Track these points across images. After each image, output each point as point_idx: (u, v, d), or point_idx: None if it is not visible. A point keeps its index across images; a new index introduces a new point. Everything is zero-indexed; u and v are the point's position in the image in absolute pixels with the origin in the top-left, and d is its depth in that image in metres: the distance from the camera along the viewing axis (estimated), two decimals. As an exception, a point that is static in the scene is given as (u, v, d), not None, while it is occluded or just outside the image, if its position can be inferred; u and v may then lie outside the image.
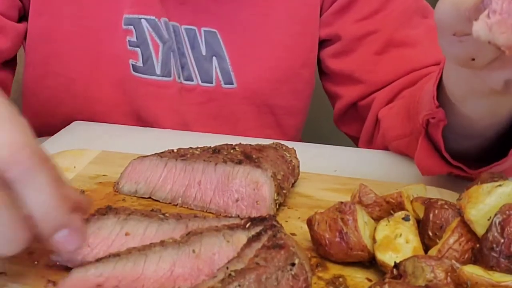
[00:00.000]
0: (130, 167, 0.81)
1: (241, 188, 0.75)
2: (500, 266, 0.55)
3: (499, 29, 0.52)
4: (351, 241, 0.63)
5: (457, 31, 0.57)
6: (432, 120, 0.77)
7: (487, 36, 0.52)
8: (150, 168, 0.80)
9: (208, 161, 0.77)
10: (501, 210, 0.56)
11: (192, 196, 0.77)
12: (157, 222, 0.64)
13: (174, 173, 0.78)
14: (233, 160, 0.76)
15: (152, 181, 0.79)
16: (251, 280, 0.52)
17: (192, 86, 1.12)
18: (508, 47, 0.53)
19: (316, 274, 0.63)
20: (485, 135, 0.79)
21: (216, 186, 0.76)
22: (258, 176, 0.74)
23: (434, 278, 0.53)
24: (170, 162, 0.79)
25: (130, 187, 0.80)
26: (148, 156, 0.81)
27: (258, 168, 0.74)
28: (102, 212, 0.66)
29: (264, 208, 0.73)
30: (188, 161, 0.78)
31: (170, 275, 0.57)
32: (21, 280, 0.61)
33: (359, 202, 0.69)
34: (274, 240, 0.58)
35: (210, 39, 1.10)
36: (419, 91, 0.89)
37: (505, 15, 0.52)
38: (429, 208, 0.64)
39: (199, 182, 0.77)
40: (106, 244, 0.62)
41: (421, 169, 0.84)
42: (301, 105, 1.22)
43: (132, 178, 0.80)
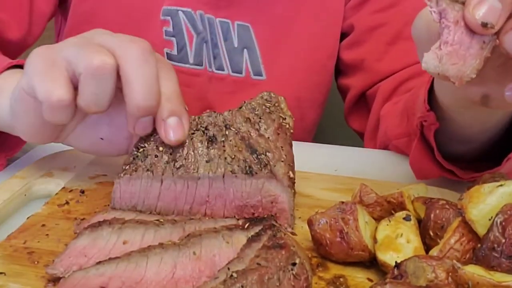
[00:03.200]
0: (119, 190, 0.72)
1: (257, 203, 0.70)
2: (501, 266, 0.55)
3: (450, 60, 0.51)
4: (352, 241, 0.63)
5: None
6: (424, 123, 0.78)
7: (436, 67, 0.52)
8: (144, 189, 0.71)
9: (213, 173, 0.69)
10: (503, 210, 0.56)
11: (201, 213, 0.71)
12: (154, 228, 0.64)
13: (174, 191, 0.71)
14: (240, 165, 0.69)
15: (152, 203, 0.72)
16: (254, 281, 0.52)
17: (223, 75, 1.15)
18: (458, 79, 0.52)
19: (317, 274, 0.63)
20: (477, 140, 0.79)
21: (227, 200, 0.70)
22: (274, 188, 0.69)
23: (435, 278, 0.53)
24: (167, 179, 0.70)
25: (128, 207, 0.73)
26: (136, 172, 0.71)
27: (273, 179, 0.69)
28: (95, 225, 0.65)
29: (284, 219, 0.70)
30: (186, 175, 0.69)
31: (172, 277, 0.57)
32: (21, 280, 0.61)
33: (360, 202, 0.69)
34: (274, 240, 0.58)
35: (243, 32, 1.14)
36: (417, 91, 0.89)
37: (457, 46, 0.51)
38: (430, 208, 0.64)
39: (207, 199, 0.70)
40: (104, 253, 0.62)
41: (415, 172, 0.85)
42: (323, 98, 1.25)
43: (126, 202, 0.72)
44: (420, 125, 0.79)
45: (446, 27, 0.52)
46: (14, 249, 0.66)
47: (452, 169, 0.79)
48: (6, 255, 0.65)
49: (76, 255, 0.61)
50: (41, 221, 0.72)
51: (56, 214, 0.74)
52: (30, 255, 0.65)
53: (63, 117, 0.67)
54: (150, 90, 0.66)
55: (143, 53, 0.66)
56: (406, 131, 0.92)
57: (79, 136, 0.76)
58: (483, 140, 0.79)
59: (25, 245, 0.67)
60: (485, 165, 0.77)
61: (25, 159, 0.91)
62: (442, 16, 0.52)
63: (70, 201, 0.77)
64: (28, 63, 0.67)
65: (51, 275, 0.60)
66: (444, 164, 0.79)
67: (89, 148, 0.78)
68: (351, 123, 1.23)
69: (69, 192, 0.79)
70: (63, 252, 0.62)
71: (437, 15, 0.52)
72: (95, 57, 0.64)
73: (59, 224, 0.71)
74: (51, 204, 0.76)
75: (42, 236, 0.69)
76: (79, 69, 0.64)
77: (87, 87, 0.65)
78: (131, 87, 0.65)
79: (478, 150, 0.81)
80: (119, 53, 0.66)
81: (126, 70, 0.65)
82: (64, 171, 0.85)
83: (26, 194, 0.80)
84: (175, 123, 0.68)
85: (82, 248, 0.62)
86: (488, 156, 0.80)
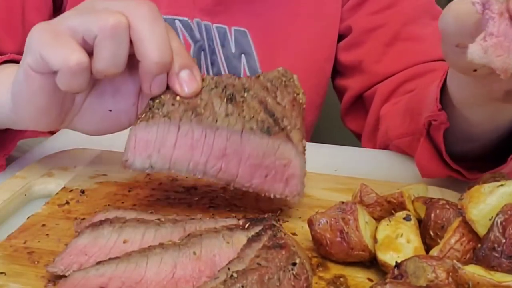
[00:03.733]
0: (134, 139, 0.69)
1: (271, 164, 0.69)
2: (501, 266, 0.55)
3: (495, 52, 0.51)
4: (352, 241, 0.63)
5: (460, 43, 0.57)
6: (434, 122, 0.77)
7: (482, 58, 0.52)
8: (160, 135, 0.68)
9: (232, 126, 0.68)
10: (503, 210, 0.56)
11: (217, 167, 0.69)
12: (154, 227, 0.64)
13: (192, 139, 0.68)
14: (258, 122, 0.68)
15: (167, 152, 0.68)
16: (254, 281, 0.52)
17: None
18: (503, 71, 0.52)
19: (317, 274, 0.63)
20: (485, 139, 0.79)
21: (243, 158, 0.69)
22: (289, 152, 0.69)
23: (435, 278, 0.53)
24: (184, 125, 0.68)
25: (142, 163, 0.69)
26: (152, 119, 0.69)
27: (289, 142, 0.69)
28: (96, 224, 0.65)
29: (295, 185, 0.70)
30: (205, 121, 0.68)
31: (172, 277, 0.57)
32: (22, 280, 0.61)
33: (360, 201, 0.69)
34: (275, 240, 0.58)
35: (240, 37, 1.14)
36: (422, 90, 0.89)
37: (502, 38, 0.51)
38: (431, 208, 0.64)
39: (223, 152, 0.69)
40: (104, 252, 0.61)
41: (421, 171, 0.85)
42: (320, 100, 1.25)
43: (140, 151, 0.69)
44: (428, 125, 0.79)
45: (491, 18, 0.52)
46: (14, 249, 0.66)
47: (458, 169, 0.79)
48: (6, 255, 0.65)
49: (76, 253, 0.61)
50: (41, 221, 0.72)
51: (56, 214, 0.74)
52: (30, 255, 0.65)
53: (81, 83, 0.66)
54: (164, 46, 0.66)
55: (152, 11, 0.66)
56: (409, 130, 0.92)
57: (86, 114, 0.75)
58: (490, 138, 0.79)
59: (25, 245, 0.67)
60: (488, 164, 0.77)
61: (25, 159, 0.91)
62: (486, 7, 0.52)
63: (71, 201, 0.77)
64: (31, 38, 0.67)
65: (51, 273, 0.60)
66: (451, 164, 0.79)
67: (98, 125, 0.76)
68: (348, 124, 1.23)
69: (69, 192, 0.79)
70: (64, 250, 0.63)
71: (480, 6, 0.52)
72: (109, 17, 0.64)
73: (59, 224, 0.71)
74: (51, 204, 0.76)
75: (42, 236, 0.69)
76: (92, 32, 0.64)
77: (105, 48, 0.64)
78: (145, 46, 0.65)
79: (482, 149, 0.81)
80: (128, 14, 0.65)
81: (139, 29, 0.65)
82: (64, 171, 0.85)
83: (26, 194, 0.80)
84: (188, 75, 0.69)
85: (82, 247, 0.62)
86: (491, 155, 0.80)
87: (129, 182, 0.83)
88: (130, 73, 0.72)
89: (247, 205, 0.77)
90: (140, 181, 0.83)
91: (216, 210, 0.76)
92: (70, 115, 0.75)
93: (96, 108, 0.75)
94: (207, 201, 0.78)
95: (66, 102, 0.72)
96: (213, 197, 0.79)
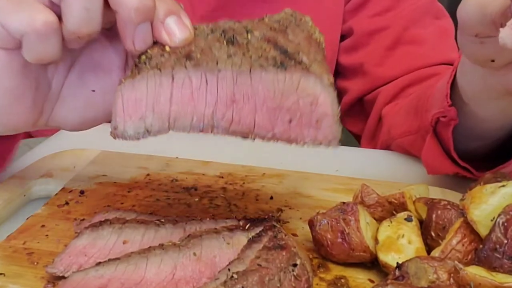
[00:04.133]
0: (121, 100, 0.59)
1: (293, 105, 0.57)
2: (503, 267, 0.55)
3: None
4: (353, 242, 0.63)
5: (480, 32, 0.56)
6: (443, 119, 0.77)
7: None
8: (152, 91, 0.58)
9: (237, 66, 0.57)
10: (505, 211, 0.56)
11: (228, 118, 0.58)
12: (154, 228, 0.64)
13: (190, 89, 0.58)
14: (269, 59, 0.57)
15: (164, 109, 0.58)
16: (254, 282, 0.52)
17: None
18: None
19: (318, 275, 0.63)
20: (494, 137, 0.79)
21: (257, 102, 0.58)
22: (313, 87, 0.57)
23: (437, 279, 0.53)
24: (179, 74, 0.57)
25: (136, 128, 0.59)
26: (139, 74, 0.58)
27: (310, 75, 0.56)
28: (96, 224, 0.65)
29: (328, 127, 0.58)
30: (204, 66, 0.57)
31: (172, 278, 0.57)
32: (21, 281, 0.60)
33: (361, 202, 0.69)
34: (275, 241, 0.58)
35: None
36: (428, 89, 0.89)
37: None
38: (432, 208, 0.64)
39: (232, 98, 0.58)
40: (104, 253, 0.61)
41: (428, 168, 0.84)
42: None
43: (131, 114, 0.59)
44: (435, 122, 0.79)
45: None
46: (14, 250, 0.66)
47: (466, 166, 0.79)
48: (6, 255, 0.64)
49: (76, 254, 0.61)
50: (40, 222, 0.71)
51: (56, 214, 0.74)
52: (29, 256, 0.65)
53: (52, 49, 0.58)
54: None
55: None
56: (412, 128, 0.92)
57: (67, 100, 0.66)
58: (498, 136, 0.79)
59: (25, 245, 0.66)
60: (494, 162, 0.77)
61: (24, 159, 0.90)
62: None
63: (70, 202, 0.77)
64: None
65: (51, 274, 0.60)
66: (459, 161, 0.79)
67: (83, 114, 0.67)
68: (347, 125, 1.23)
69: (68, 192, 0.79)
70: (63, 251, 0.62)
71: None
72: None
73: (58, 225, 0.71)
74: (50, 205, 0.76)
75: (42, 236, 0.68)
76: None
77: (75, 3, 0.56)
78: None
79: (489, 148, 0.81)
80: None
81: None
82: (64, 171, 0.85)
83: (25, 194, 0.79)
84: (175, 21, 0.60)
85: (82, 248, 0.62)
86: (498, 153, 0.79)
87: (128, 182, 0.83)
88: (112, 43, 0.64)
89: (248, 206, 0.77)
90: (139, 182, 0.83)
91: (216, 210, 0.76)
92: (48, 104, 0.65)
93: (77, 91, 0.66)
94: (207, 202, 0.78)
95: (40, 85, 0.63)
96: (213, 197, 0.79)
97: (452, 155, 0.79)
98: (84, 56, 0.65)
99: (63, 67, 0.65)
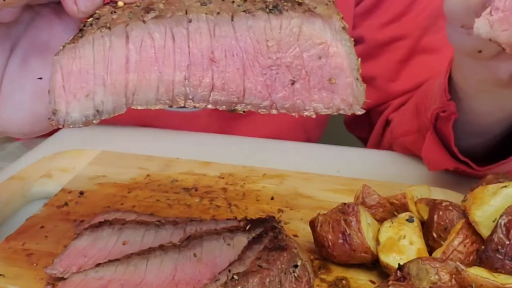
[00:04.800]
0: (60, 73, 0.47)
1: (295, 60, 0.45)
2: (505, 268, 0.54)
3: (501, 26, 0.52)
4: (354, 243, 0.62)
5: (465, 23, 0.57)
6: (442, 113, 0.77)
7: (488, 33, 0.52)
8: (100, 57, 0.46)
9: (214, 14, 0.44)
10: (507, 212, 0.55)
11: (206, 84, 0.45)
12: (154, 229, 0.64)
13: (152, 48, 0.45)
14: (257, 2, 0.44)
15: (118, 80, 0.45)
16: (255, 283, 0.52)
17: None
18: (509, 45, 0.53)
19: (319, 276, 0.63)
20: (492, 132, 0.79)
21: (245, 60, 0.45)
22: (321, 33, 0.44)
23: (438, 280, 0.53)
24: (135, 31, 0.45)
25: (83, 109, 0.46)
26: (82, 38, 0.46)
27: (317, 17, 0.44)
28: (96, 226, 0.65)
29: (345, 85, 0.46)
30: (166, 16, 0.45)
31: (172, 279, 0.56)
32: (20, 282, 0.60)
33: (362, 203, 0.69)
34: (276, 242, 0.58)
35: None
36: (427, 87, 0.88)
37: (508, 12, 0.52)
38: (434, 209, 0.64)
39: (210, 58, 0.45)
40: (104, 254, 0.61)
41: (428, 164, 0.84)
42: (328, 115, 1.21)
43: (74, 91, 0.46)
44: (435, 117, 0.79)
45: None
46: (13, 251, 0.65)
47: (466, 161, 0.79)
48: (5, 257, 0.64)
49: (75, 255, 0.61)
50: (40, 223, 0.71)
51: (55, 215, 0.73)
52: (29, 257, 0.64)
53: None
54: None
55: None
56: (414, 128, 0.91)
57: (12, 95, 0.54)
58: (496, 131, 0.78)
59: (24, 246, 0.66)
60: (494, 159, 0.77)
61: (23, 160, 0.90)
62: None
63: (69, 203, 0.76)
64: None
65: (50, 275, 0.60)
66: (459, 155, 0.79)
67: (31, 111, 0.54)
68: (352, 130, 1.22)
69: (68, 193, 0.79)
70: (63, 252, 0.62)
71: None
72: None
73: (58, 226, 0.71)
74: (50, 206, 0.75)
75: (41, 237, 0.68)
76: None
77: None
78: None
79: (489, 144, 0.81)
80: None
81: None
82: (63, 172, 0.85)
83: (25, 195, 0.79)
84: None
85: (82, 249, 0.62)
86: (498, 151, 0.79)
87: (128, 183, 0.83)
88: (61, 19, 0.54)
89: (248, 206, 0.77)
90: (139, 182, 0.83)
91: (216, 211, 0.76)
92: None
93: (21, 81, 0.54)
94: (207, 202, 0.78)
95: None
96: (214, 198, 0.79)
97: (452, 150, 0.79)
98: (26, 38, 0.54)
99: (0, 53, 0.54)
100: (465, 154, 0.79)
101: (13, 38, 0.54)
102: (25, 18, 0.53)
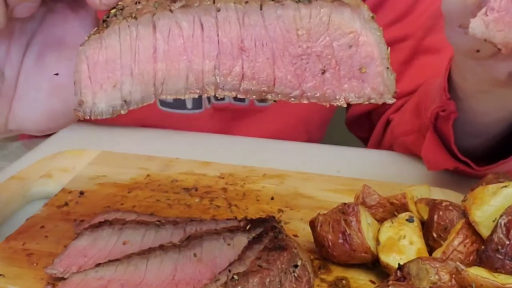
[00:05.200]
0: (86, 64, 0.46)
1: (325, 50, 0.45)
2: (505, 268, 0.54)
3: (496, 26, 0.52)
4: (354, 243, 0.62)
5: (463, 23, 0.57)
6: (442, 113, 0.77)
7: (483, 33, 0.53)
8: (127, 47, 0.46)
9: (242, 3, 0.45)
10: (507, 212, 0.55)
11: (236, 74, 0.45)
12: (154, 229, 0.64)
13: (180, 37, 0.45)
14: None
15: (146, 69, 0.45)
16: (255, 283, 0.52)
17: (223, 105, 1.10)
18: (504, 45, 0.53)
19: (319, 276, 0.63)
20: (491, 132, 0.79)
21: (275, 49, 0.45)
22: (349, 21, 0.45)
23: (438, 280, 0.53)
24: (162, 19, 0.45)
25: (110, 99, 0.46)
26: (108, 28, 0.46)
27: (344, 6, 0.45)
28: (96, 225, 0.65)
29: (375, 74, 0.46)
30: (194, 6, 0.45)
31: (172, 279, 0.56)
32: (20, 282, 0.60)
33: (363, 203, 0.69)
34: (276, 242, 0.58)
35: None
36: (427, 87, 0.88)
37: (503, 13, 0.52)
38: (434, 209, 0.64)
39: (240, 47, 0.45)
40: (104, 254, 0.61)
41: (428, 163, 0.84)
42: (330, 116, 1.22)
43: (101, 81, 0.46)
44: (435, 117, 0.79)
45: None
46: (13, 251, 0.65)
47: (466, 161, 0.79)
48: (5, 256, 0.64)
49: (75, 255, 0.61)
50: (40, 223, 0.71)
51: (55, 215, 0.73)
52: (29, 257, 0.64)
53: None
54: None
55: None
56: (415, 127, 0.91)
57: (27, 92, 0.54)
58: (496, 131, 0.78)
59: (24, 246, 0.66)
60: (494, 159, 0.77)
61: (24, 160, 0.90)
62: None
63: (70, 203, 0.76)
64: None
65: (50, 275, 0.60)
66: (458, 155, 0.79)
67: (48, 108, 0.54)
68: (353, 130, 1.21)
69: (68, 193, 0.79)
70: (63, 252, 0.62)
71: None
72: None
73: (58, 226, 0.71)
74: (50, 206, 0.75)
75: (41, 237, 0.68)
76: None
77: None
78: None
79: (489, 144, 0.81)
80: None
81: None
82: (63, 172, 0.85)
83: (25, 195, 0.79)
84: None
85: (82, 249, 0.62)
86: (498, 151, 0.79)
87: (128, 183, 0.83)
88: (77, 13, 0.54)
89: (248, 206, 0.77)
90: (140, 182, 0.83)
91: (216, 211, 0.76)
92: (4, 101, 0.54)
93: (37, 78, 0.54)
94: (207, 202, 0.78)
95: None
96: (214, 198, 0.79)
97: (452, 150, 0.79)
98: (42, 33, 0.54)
99: (16, 50, 0.54)
100: (465, 154, 0.79)
101: (29, 34, 0.54)
102: (39, 14, 0.53)
